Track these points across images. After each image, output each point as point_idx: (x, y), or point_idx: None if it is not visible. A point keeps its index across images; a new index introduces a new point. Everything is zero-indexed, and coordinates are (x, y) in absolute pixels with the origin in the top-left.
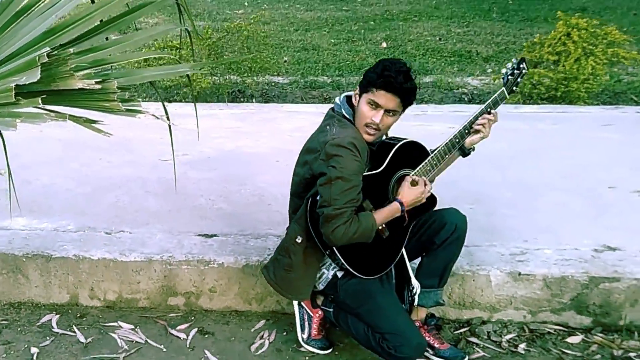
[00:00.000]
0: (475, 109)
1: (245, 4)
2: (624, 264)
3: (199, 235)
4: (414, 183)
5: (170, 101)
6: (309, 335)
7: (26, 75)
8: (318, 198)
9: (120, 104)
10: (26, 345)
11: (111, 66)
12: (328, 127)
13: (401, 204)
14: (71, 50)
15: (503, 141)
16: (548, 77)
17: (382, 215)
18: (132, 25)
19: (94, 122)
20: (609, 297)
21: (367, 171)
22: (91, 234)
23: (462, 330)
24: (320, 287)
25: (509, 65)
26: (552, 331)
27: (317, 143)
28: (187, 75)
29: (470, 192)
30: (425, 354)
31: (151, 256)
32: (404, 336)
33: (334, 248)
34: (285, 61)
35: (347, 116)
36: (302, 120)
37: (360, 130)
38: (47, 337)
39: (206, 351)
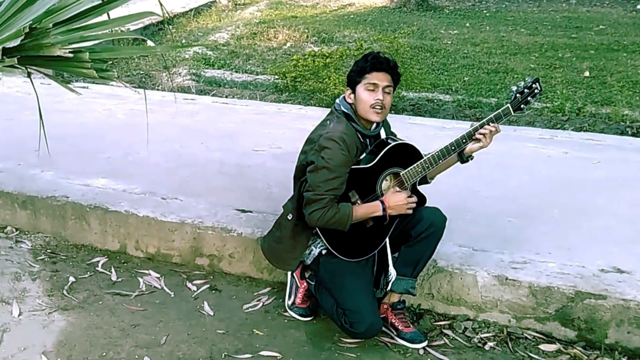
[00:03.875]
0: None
1: (467, 24)
2: (621, 285)
3: (236, 209)
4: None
5: (307, 104)
6: (294, 302)
7: (12, 41)
8: None
9: (94, 71)
10: (68, 275)
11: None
12: (328, 122)
13: (382, 202)
14: (51, 25)
15: (601, 170)
16: None
17: (362, 210)
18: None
19: (68, 82)
20: (594, 313)
21: (360, 165)
22: (149, 197)
23: (442, 322)
24: (308, 261)
25: (521, 83)
26: (530, 337)
27: (316, 135)
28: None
29: (522, 207)
30: (390, 334)
31: (184, 219)
32: (361, 315)
33: (317, 228)
34: (464, 80)
35: (346, 111)
36: (415, 131)
37: (368, 115)
38: (88, 272)
39: (205, 302)
